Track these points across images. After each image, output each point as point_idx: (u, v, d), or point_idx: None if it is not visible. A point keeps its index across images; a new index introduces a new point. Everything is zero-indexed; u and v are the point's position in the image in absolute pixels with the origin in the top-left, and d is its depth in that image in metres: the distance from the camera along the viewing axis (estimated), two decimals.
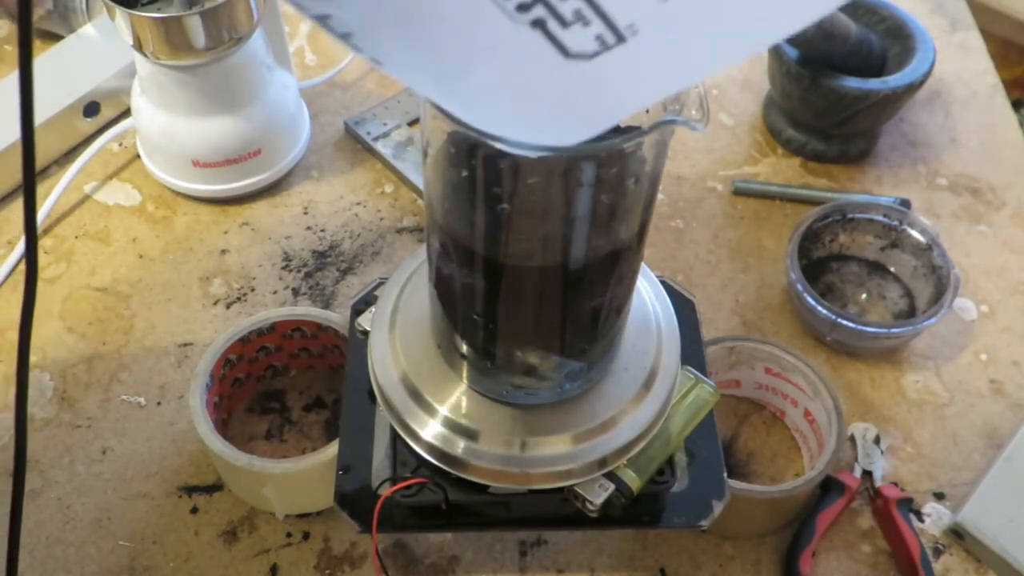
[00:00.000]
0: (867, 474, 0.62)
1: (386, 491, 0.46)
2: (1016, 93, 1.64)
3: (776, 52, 0.77)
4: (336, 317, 0.62)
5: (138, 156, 0.80)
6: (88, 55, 0.81)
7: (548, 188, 0.35)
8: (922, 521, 0.61)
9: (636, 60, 0.25)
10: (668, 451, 0.47)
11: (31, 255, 0.37)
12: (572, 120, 0.27)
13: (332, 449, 0.55)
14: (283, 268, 0.73)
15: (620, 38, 0.24)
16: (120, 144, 0.82)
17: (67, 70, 0.80)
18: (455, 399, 0.45)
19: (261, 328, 0.61)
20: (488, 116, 0.27)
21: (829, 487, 0.60)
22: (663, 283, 0.51)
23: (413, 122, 0.83)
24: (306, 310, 0.62)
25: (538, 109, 0.26)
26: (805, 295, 0.67)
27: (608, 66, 0.24)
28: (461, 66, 0.25)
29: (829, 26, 0.72)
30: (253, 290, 0.72)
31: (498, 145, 0.32)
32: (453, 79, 0.25)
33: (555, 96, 0.26)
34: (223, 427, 0.62)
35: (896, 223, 0.72)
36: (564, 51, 0.24)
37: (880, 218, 0.72)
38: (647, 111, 0.39)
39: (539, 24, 0.23)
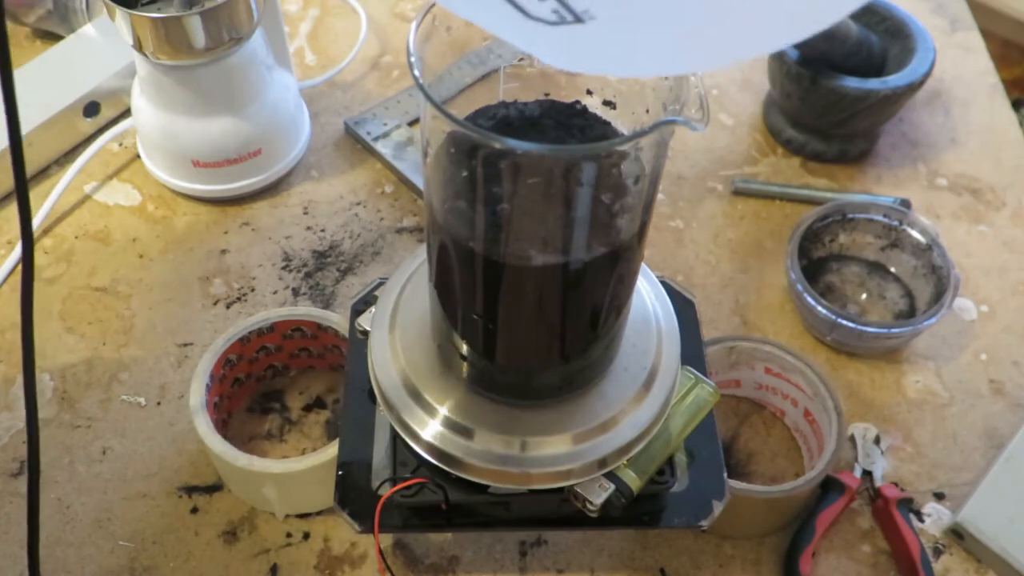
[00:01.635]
0: (867, 474, 0.62)
1: (386, 491, 0.46)
2: (1016, 93, 1.65)
3: (776, 52, 0.77)
4: (336, 317, 0.62)
5: (138, 156, 0.80)
6: (88, 55, 0.81)
7: (548, 188, 0.36)
8: (922, 521, 0.61)
9: (596, 43, 0.26)
10: (668, 451, 0.47)
11: (27, 260, 0.37)
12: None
13: (332, 449, 0.55)
14: (283, 268, 0.73)
15: (577, 19, 0.25)
16: (120, 144, 0.82)
17: (67, 70, 0.80)
18: (455, 399, 0.45)
19: (261, 328, 0.61)
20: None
21: (829, 487, 0.60)
22: (663, 283, 0.51)
23: (413, 122, 0.83)
24: (306, 310, 0.62)
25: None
26: (805, 295, 0.67)
27: (569, 38, 0.26)
28: None
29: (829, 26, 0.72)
30: (253, 290, 0.72)
31: (498, 145, 0.32)
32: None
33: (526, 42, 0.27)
34: (223, 427, 0.62)
35: (896, 223, 0.72)
36: (524, 12, 0.25)
37: (880, 218, 0.72)
38: (647, 111, 0.39)
39: None
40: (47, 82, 0.79)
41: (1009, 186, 0.81)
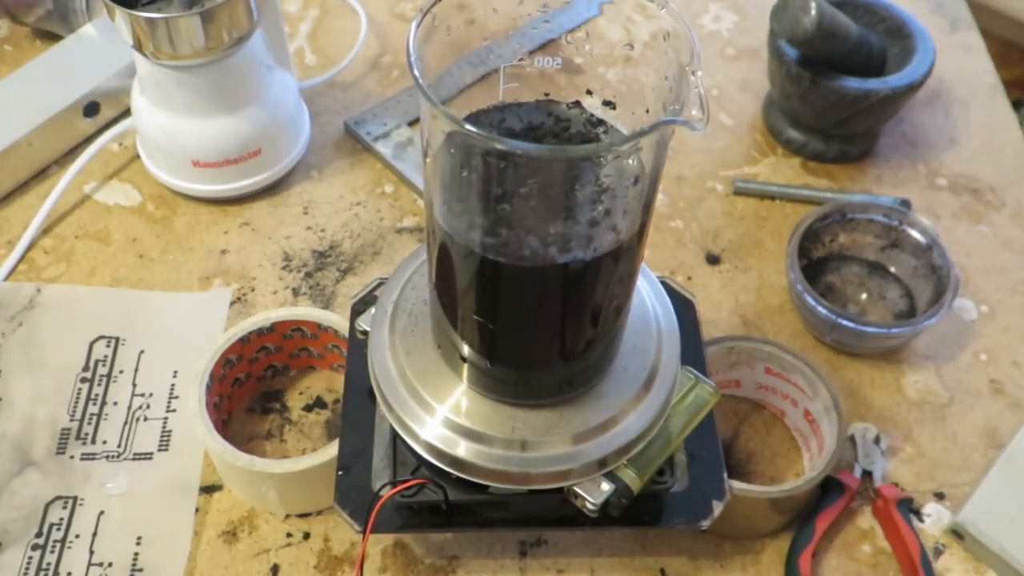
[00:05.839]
0: (867, 474, 0.62)
1: (386, 492, 0.46)
2: (1016, 93, 1.65)
3: (776, 52, 0.77)
4: (336, 317, 0.62)
5: (138, 156, 0.79)
6: (88, 55, 0.81)
7: (548, 189, 0.36)
8: (922, 521, 0.61)
9: None
10: (668, 451, 0.47)
11: None
12: None
13: (332, 449, 0.55)
14: (283, 268, 0.73)
15: None
16: (120, 144, 0.81)
17: (67, 70, 0.80)
18: (455, 399, 0.45)
19: (261, 328, 0.61)
20: None
21: (829, 487, 0.60)
22: (663, 283, 0.51)
23: (413, 122, 0.83)
24: (306, 310, 0.62)
25: None
26: (805, 295, 0.67)
27: None
28: None
29: (829, 26, 0.72)
30: (253, 290, 0.72)
31: (498, 146, 0.32)
32: None
33: None
34: (223, 427, 0.62)
35: (896, 223, 0.72)
36: None
37: (880, 218, 0.72)
38: (647, 111, 0.39)
39: None
40: (47, 82, 0.79)
41: (1009, 186, 0.81)
